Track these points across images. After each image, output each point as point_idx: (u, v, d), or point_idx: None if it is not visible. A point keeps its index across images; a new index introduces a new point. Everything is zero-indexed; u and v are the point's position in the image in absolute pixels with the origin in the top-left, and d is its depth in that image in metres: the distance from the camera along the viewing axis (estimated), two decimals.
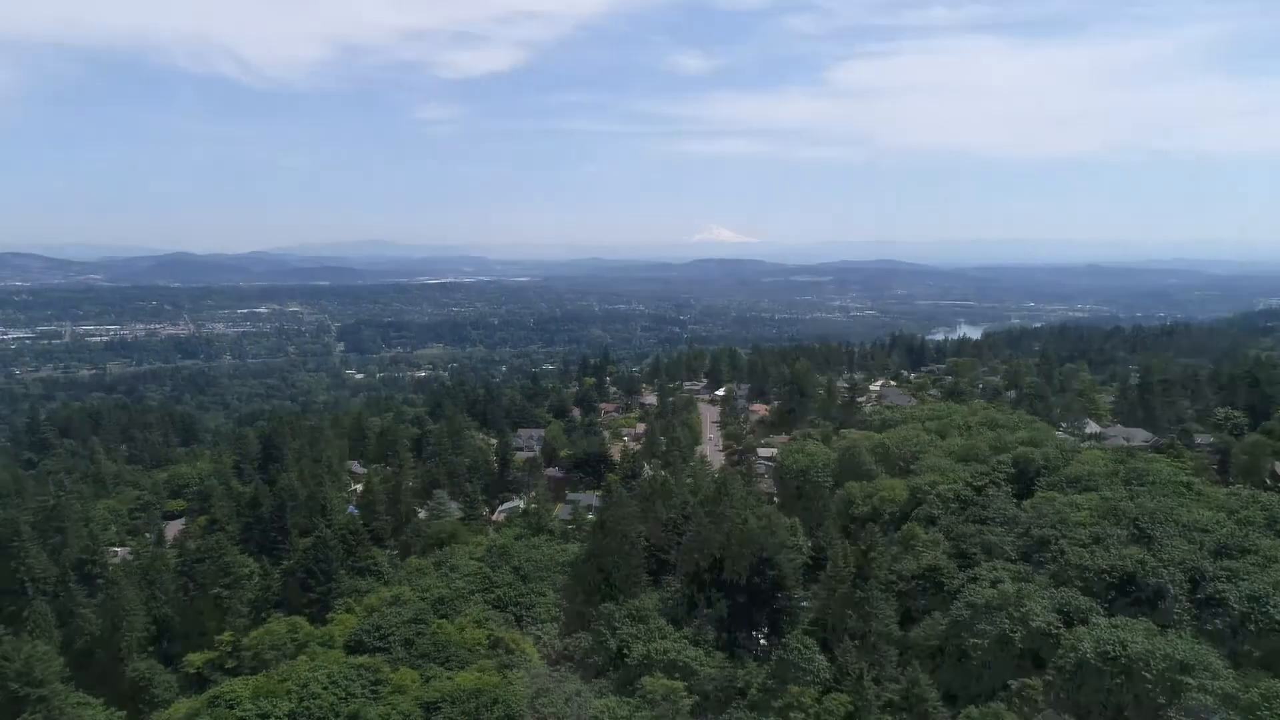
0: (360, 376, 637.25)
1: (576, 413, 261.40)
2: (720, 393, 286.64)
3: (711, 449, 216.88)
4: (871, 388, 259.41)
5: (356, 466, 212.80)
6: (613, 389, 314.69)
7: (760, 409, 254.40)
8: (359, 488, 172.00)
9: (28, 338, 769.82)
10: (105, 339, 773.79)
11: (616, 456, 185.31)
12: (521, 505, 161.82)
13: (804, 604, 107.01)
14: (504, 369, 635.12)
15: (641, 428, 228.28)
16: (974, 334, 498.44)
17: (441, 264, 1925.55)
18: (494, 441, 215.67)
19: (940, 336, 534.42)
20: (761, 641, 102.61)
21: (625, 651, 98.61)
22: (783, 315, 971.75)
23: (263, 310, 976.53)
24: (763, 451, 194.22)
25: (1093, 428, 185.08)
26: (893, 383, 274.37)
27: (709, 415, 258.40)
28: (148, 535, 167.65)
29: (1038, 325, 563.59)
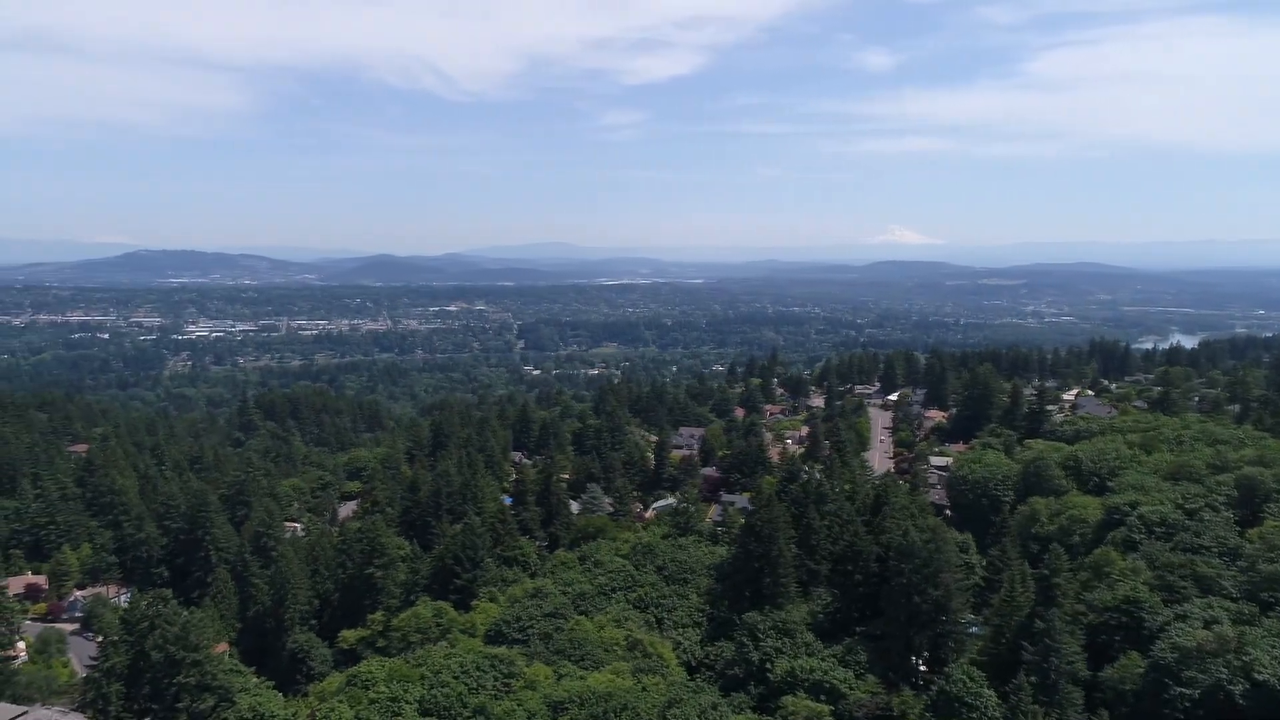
0: (537, 372, 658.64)
1: (740, 413, 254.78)
2: (893, 397, 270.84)
3: (880, 456, 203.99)
4: (1064, 397, 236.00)
5: (521, 458, 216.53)
6: (779, 391, 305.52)
7: (936, 415, 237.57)
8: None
9: (251, 330, 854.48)
10: (315, 333, 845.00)
11: (775, 459, 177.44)
12: (674, 504, 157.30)
13: (973, 630, 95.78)
14: (674, 369, 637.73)
15: (805, 430, 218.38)
16: (1189, 343, 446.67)
17: (619, 265, 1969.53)
18: (654, 439, 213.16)
19: (1149, 345, 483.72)
20: (921, 668, 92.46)
21: (768, 666, 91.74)
22: (968, 320, 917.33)
23: (453, 308, 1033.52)
24: (936, 460, 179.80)
25: None
26: (1090, 392, 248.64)
27: (880, 421, 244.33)
28: (324, 513, 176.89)
29: (1268, 335, 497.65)
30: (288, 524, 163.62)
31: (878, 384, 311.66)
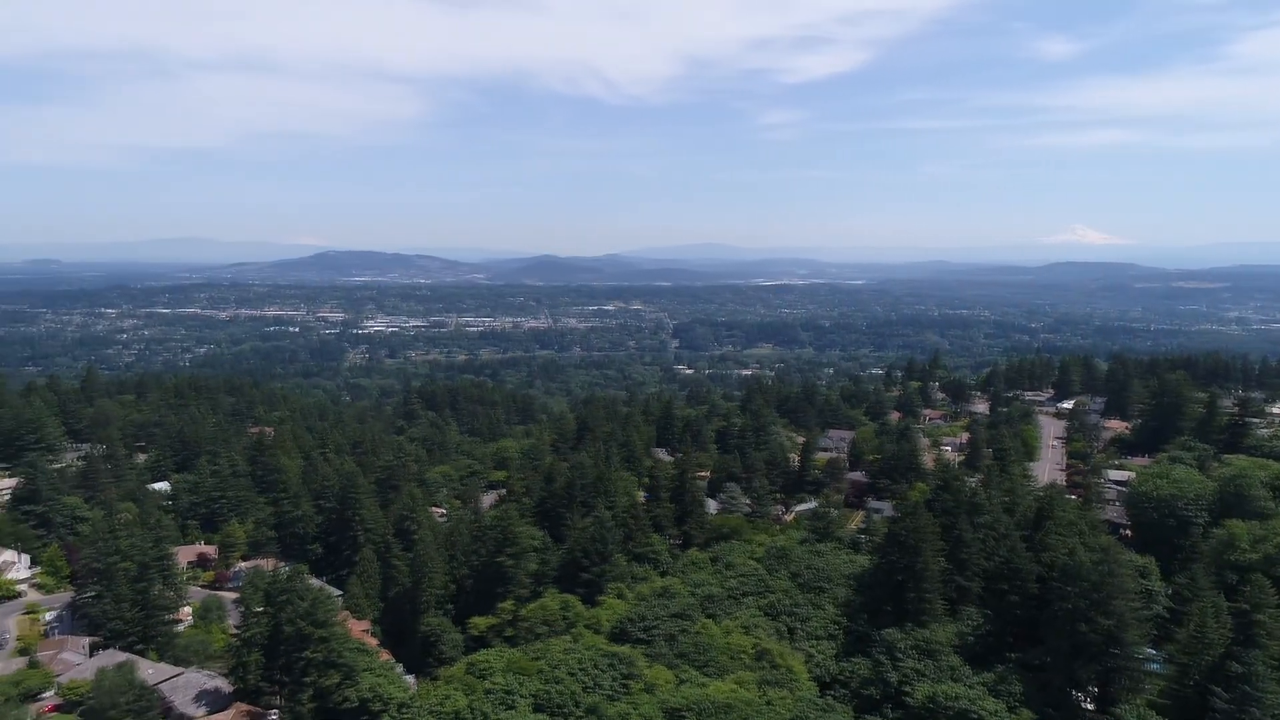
0: (689, 372, 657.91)
1: (895, 417, 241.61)
2: (1068, 405, 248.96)
3: (1049, 467, 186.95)
4: (1273, 410, 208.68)
5: (664, 455, 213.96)
6: (940, 395, 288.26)
7: (1116, 425, 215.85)
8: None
9: (422, 326, 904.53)
10: (480, 329, 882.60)
11: (929, 465, 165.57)
12: (815, 507, 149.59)
13: (1152, 666, 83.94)
14: (830, 371, 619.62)
15: (965, 437, 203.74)
16: None
17: (776, 266, 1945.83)
18: (801, 440, 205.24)
19: None
20: (1087, 705, 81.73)
21: (907, 688, 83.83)
22: (1159, 326, 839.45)
23: (610, 308, 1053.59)
24: (1114, 474, 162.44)
25: None
26: None
27: (1051, 430, 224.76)
28: (469, 501, 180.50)
29: None
30: (434, 509, 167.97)
31: (1051, 391, 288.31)
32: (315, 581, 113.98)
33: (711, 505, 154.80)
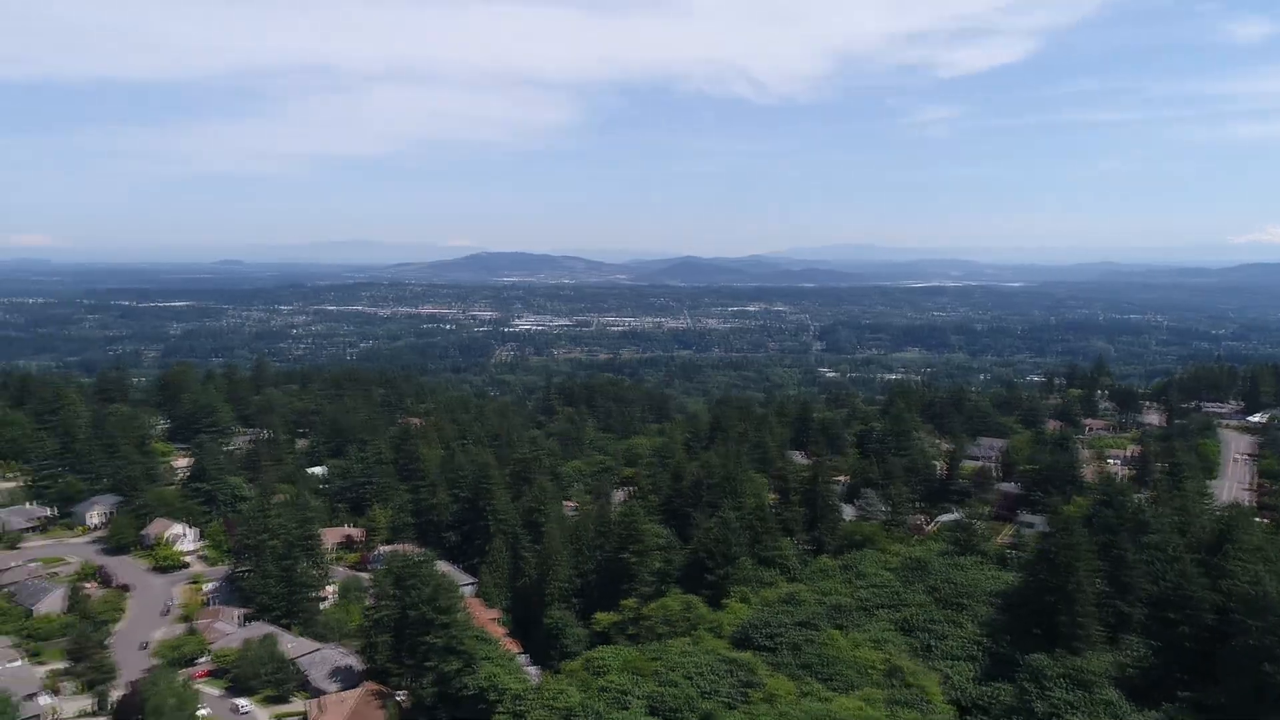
0: (832, 375, 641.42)
1: (1053, 426, 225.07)
2: (1257, 419, 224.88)
3: (1233, 486, 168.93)
4: None
5: (799, 457, 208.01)
6: (1105, 404, 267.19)
7: None
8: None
9: (566, 325, 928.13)
10: (621, 329, 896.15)
11: (1090, 478, 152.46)
12: (959, 518, 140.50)
13: None
14: (983, 377, 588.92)
15: (1134, 450, 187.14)
16: None
17: (927, 267, 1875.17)
18: (946, 447, 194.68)
19: None
20: None
21: None
22: None
23: (752, 309, 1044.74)
24: None
25: None
26: None
27: (1236, 445, 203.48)
28: (600, 496, 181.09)
29: None
30: (566, 504, 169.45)
31: (1236, 403, 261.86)
32: (443, 568, 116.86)
33: (846, 511, 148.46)
